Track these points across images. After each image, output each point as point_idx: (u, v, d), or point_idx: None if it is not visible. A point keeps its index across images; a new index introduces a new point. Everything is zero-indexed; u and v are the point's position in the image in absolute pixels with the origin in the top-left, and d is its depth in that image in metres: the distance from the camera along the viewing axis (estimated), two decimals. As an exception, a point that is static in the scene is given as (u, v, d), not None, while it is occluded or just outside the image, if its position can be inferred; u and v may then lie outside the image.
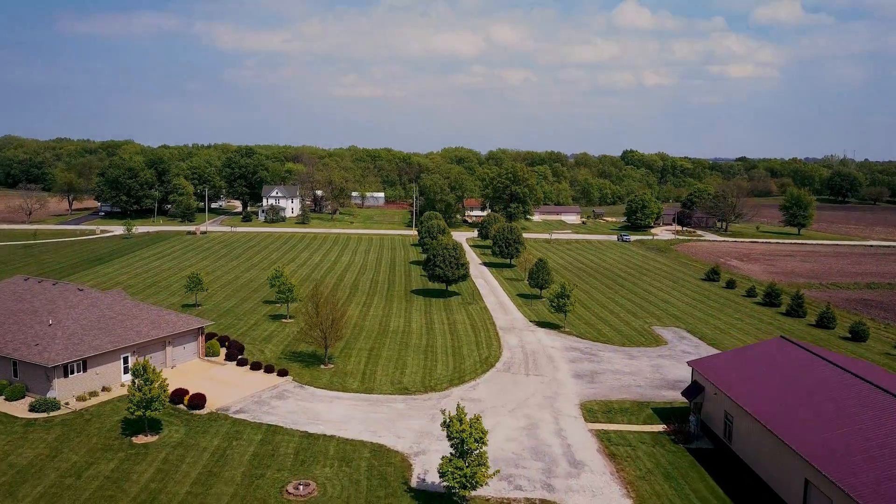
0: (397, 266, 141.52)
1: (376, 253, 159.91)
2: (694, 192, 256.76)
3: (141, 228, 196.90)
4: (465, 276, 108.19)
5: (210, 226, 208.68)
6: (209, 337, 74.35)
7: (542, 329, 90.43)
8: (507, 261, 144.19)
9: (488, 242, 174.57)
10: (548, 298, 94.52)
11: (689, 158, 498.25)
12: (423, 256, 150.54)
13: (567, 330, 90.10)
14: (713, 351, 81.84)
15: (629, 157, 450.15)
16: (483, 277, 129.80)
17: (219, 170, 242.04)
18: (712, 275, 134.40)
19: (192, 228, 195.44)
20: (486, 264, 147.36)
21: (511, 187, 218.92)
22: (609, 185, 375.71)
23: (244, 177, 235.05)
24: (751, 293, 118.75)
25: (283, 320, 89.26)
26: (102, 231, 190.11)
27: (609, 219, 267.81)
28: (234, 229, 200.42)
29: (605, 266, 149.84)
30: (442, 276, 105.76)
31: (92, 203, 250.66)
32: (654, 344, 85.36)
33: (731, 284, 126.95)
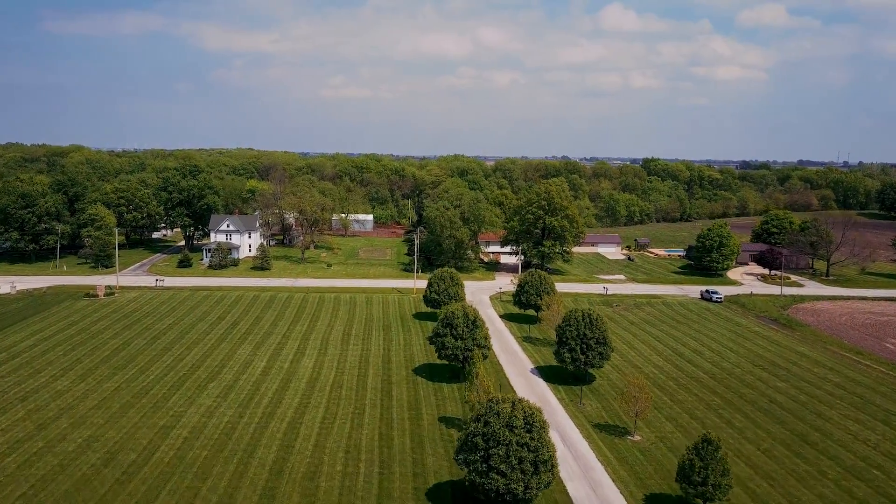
0: (394, 384, 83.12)
1: (360, 344, 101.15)
2: (771, 219, 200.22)
3: (25, 282, 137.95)
4: (551, 483, 50.28)
5: (131, 274, 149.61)
6: None
7: None
8: (583, 369, 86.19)
9: (531, 313, 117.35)
10: None
11: (716, 167, 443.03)
12: (434, 349, 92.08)
13: None
14: None
15: (651, 167, 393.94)
16: (552, 418, 70.88)
17: (155, 192, 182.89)
18: (945, 405, 77.13)
19: (97, 282, 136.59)
20: (540, 373, 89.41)
21: (545, 218, 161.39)
22: (637, 200, 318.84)
23: (186, 203, 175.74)
24: None
25: None
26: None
27: (657, 251, 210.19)
28: (159, 283, 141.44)
29: (728, 369, 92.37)
30: (506, 492, 47.74)
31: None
32: None
33: None
